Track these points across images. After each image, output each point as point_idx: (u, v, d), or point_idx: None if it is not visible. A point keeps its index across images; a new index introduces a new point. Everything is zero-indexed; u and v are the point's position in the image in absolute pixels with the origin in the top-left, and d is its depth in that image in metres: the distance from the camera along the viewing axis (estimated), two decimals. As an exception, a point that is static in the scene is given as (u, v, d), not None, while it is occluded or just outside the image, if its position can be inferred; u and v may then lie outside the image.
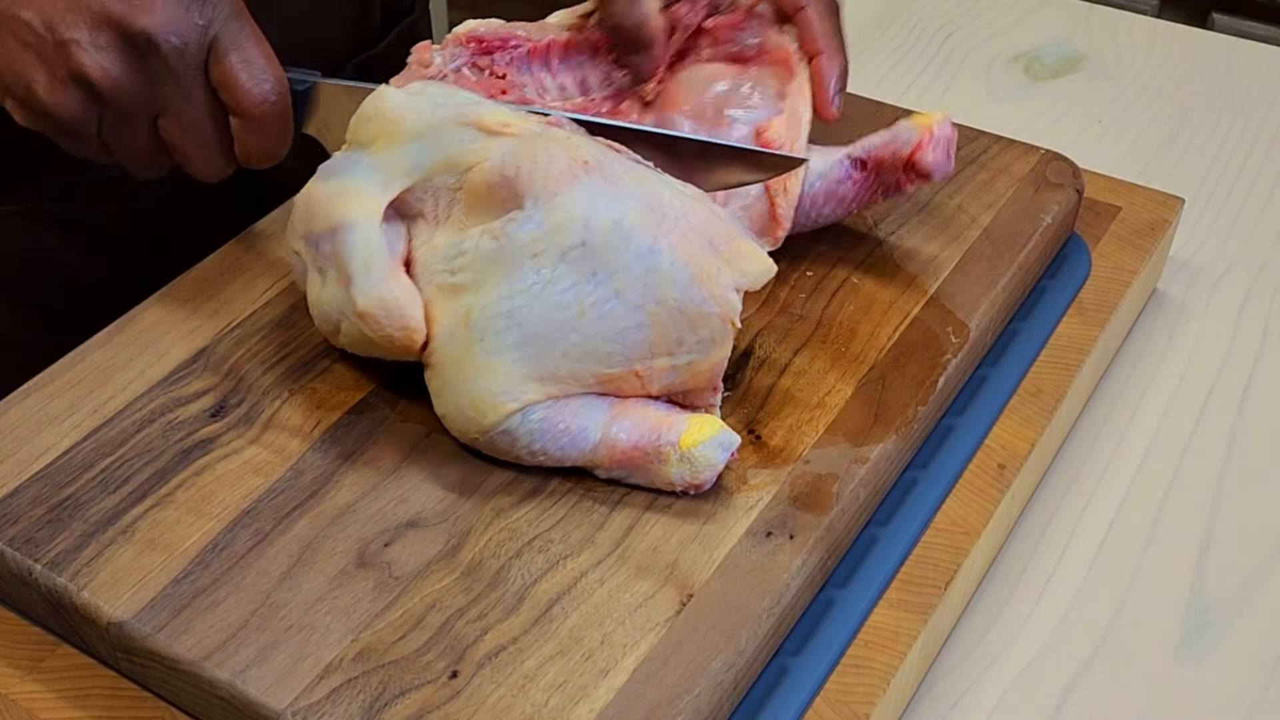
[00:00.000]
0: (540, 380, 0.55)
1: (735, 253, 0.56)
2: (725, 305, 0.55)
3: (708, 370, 0.56)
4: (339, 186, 0.57)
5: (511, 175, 0.55)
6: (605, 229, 0.54)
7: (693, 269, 0.55)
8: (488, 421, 0.55)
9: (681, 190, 0.57)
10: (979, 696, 0.59)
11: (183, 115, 0.59)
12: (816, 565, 0.54)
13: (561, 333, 0.54)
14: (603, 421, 0.55)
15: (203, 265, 0.67)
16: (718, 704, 0.50)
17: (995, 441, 0.63)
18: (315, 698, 0.49)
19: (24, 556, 0.53)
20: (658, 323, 0.55)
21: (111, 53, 0.57)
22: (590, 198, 0.54)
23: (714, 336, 0.55)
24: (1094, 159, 0.83)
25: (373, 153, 0.57)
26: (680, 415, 0.56)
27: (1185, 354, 0.75)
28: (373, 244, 0.56)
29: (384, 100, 0.57)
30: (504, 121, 0.57)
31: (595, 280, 0.54)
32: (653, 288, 0.54)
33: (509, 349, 0.54)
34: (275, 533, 0.54)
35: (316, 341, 0.62)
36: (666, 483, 0.55)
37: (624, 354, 0.55)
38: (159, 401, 0.59)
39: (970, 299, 0.66)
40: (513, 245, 0.55)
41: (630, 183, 0.56)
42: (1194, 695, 0.59)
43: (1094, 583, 0.63)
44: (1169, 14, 1.78)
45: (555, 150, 0.55)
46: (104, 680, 0.54)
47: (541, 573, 0.53)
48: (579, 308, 0.54)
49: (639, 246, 0.54)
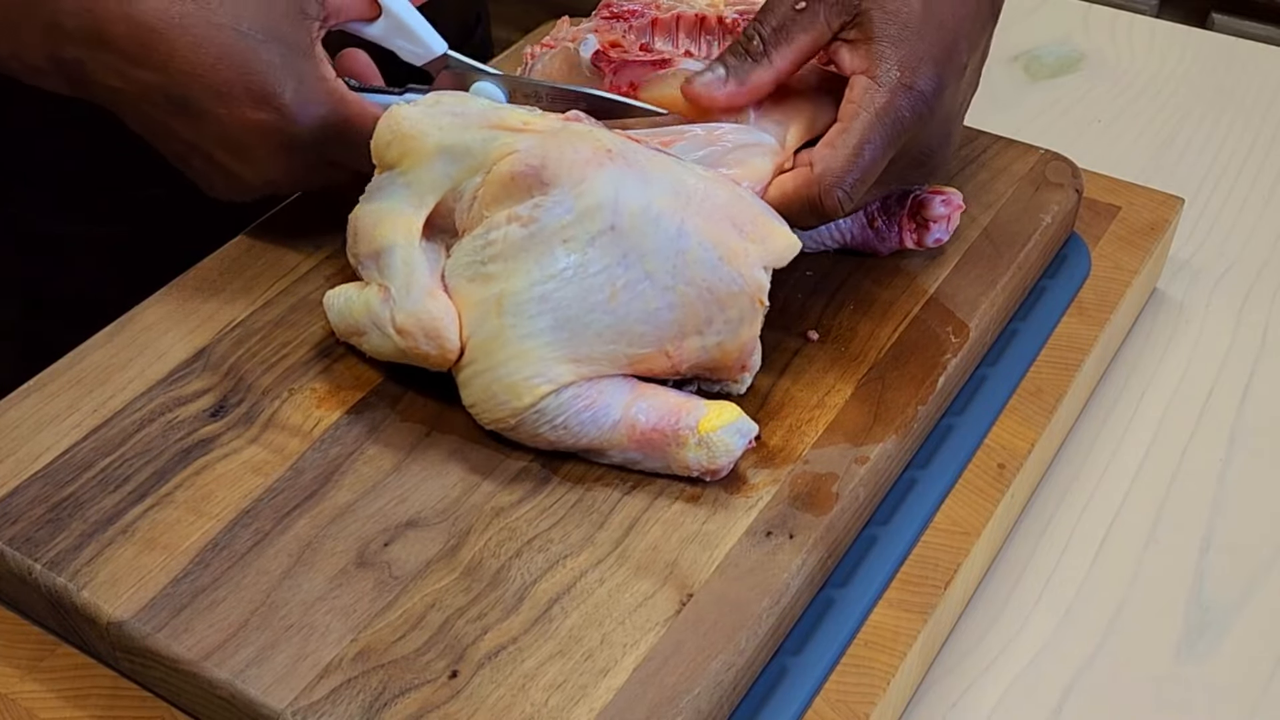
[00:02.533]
0: (574, 361, 0.56)
1: (761, 232, 0.56)
2: (753, 284, 0.56)
3: (737, 349, 0.57)
4: (378, 210, 0.59)
5: (537, 165, 0.55)
6: (634, 213, 0.55)
7: (720, 250, 0.55)
8: (523, 404, 0.56)
9: (705, 174, 0.57)
10: (979, 696, 0.59)
11: None
12: (816, 565, 0.54)
13: (594, 315, 0.55)
14: (625, 401, 0.56)
15: (203, 265, 0.67)
16: (718, 704, 0.50)
17: (995, 441, 0.63)
18: (315, 697, 0.49)
19: (24, 556, 0.53)
20: (687, 303, 0.56)
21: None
22: (617, 183, 0.55)
23: (743, 315, 0.56)
24: (1094, 159, 0.83)
25: (403, 171, 0.58)
26: (700, 401, 0.57)
27: (1185, 354, 0.75)
28: (412, 264, 0.57)
29: (400, 121, 0.58)
30: (525, 120, 0.57)
31: (626, 263, 0.55)
32: (682, 269, 0.55)
33: (543, 332, 0.55)
34: (275, 532, 0.54)
35: (316, 341, 0.62)
36: (683, 467, 0.56)
37: (655, 334, 0.56)
38: (159, 401, 0.59)
39: (970, 299, 0.66)
40: (544, 232, 0.55)
41: (654, 169, 0.56)
42: (1194, 695, 0.59)
43: (1094, 583, 0.63)
44: (1169, 14, 1.78)
45: (580, 141, 0.56)
46: (104, 680, 0.54)
47: (541, 572, 0.53)
48: (611, 290, 0.55)
49: (667, 229, 0.55)
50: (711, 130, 0.61)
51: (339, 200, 0.62)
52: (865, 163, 0.57)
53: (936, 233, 0.67)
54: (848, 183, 0.57)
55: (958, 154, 0.74)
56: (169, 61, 0.58)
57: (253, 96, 0.59)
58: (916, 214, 0.66)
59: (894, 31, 0.57)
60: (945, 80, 0.58)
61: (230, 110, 0.59)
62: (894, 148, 0.58)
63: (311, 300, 0.64)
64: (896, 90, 0.57)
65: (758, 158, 0.60)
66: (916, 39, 0.57)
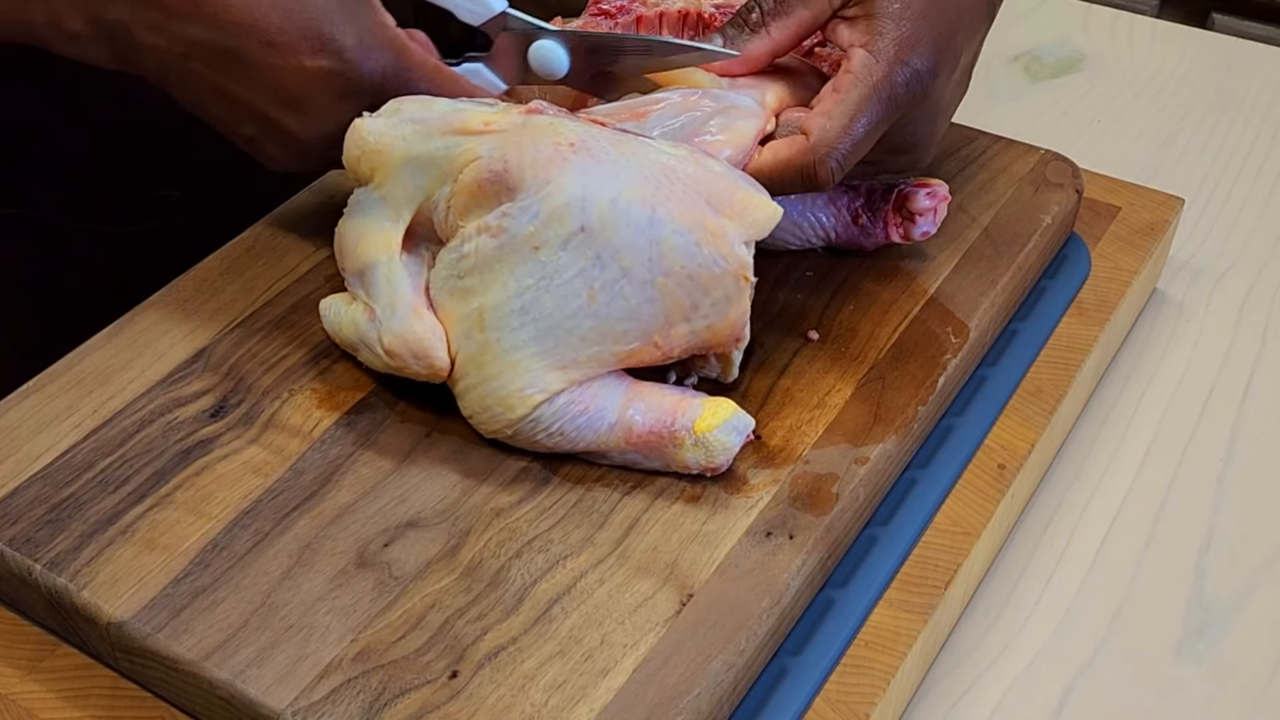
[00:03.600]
0: (562, 368, 0.55)
1: (738, 205, 0.55)
2: (735, 262, 0.55)
3: (727, 328, 0.56)
4: (358, 226, 0.59)
5: (500, 170, 0.55)
6: (602, 209, 0.54)
7: (696, 233, 0.54)
8: (517, 414, 0.55)
9: (674, 151, 0.56)
10: (979, 696, 0.59)
11: None
12: (816, 565, 0.54)
13: (576, 319, 0.55)
14: (619, 404, 0.56)
15: (203, 265, 0.67)
16: (718, 704, 0.50)
17: (995, 441, 0.63)
18: (315, 698, 0.49)
19: (24, 556, 0.53)
20: (669, 293, 0.55)
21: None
22: (582, 179, 0.54)
23: (729, 295, 0.55)
24: (1094, 159, 0.83)
25: (377, 186, 0.58)
26: (695, 399, 0.56)
27: (1185, 354, 0.75)
28: (394, 282, 0.57)
29: (364, 134, 0.58)
30: (485, 120, 0.56)
31: (600, 263, 0.54)
32: (658, 260, 0.54)
33: (527, 344, 0.55)
34: (275, 533, 0.54)
35: (316, 341, 0.62)
36: (682, 465, 0.56)
37: (640, 329, 0.55)
38: (159, 402, 0.59)
39: (970, 299, 0.66)
40: (513, 241, 0.55)
41: (620, 155, 0.55)
42: (1194, 695, 0.59)
43: (1094, 583, 0.63)
44: (1169, 14, 1.79)
45: (540, 138, 0.55)
46: (104, 680, 0.54)
47: (541, 573, 0.53)
48: (589, 293, 0.54)
49: (638, 220, 0.54)
50: (688, 96, 0.60)
51: (339, 200, 0.62)
52: (859, 134, 0.57)
53: (923, 226, 0.66)
54: (840, 152, 0.57)
55: (957, 154, 0.74)
56: (221, 13, 0.56)
57: (310, 43, 0.57)
58: (901, 207, 0.66)
59: (896, 9, 0.58)
60: (940, 64, 0.58)
61: (286, 60, 0.57)
62: (886, 123, 0.58)
63: (311, 300, 0.64)
64: (894, 65, 0.57)
65: (740, 121, 0.59)
66: (918, 19, 0.58)
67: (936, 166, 0.73)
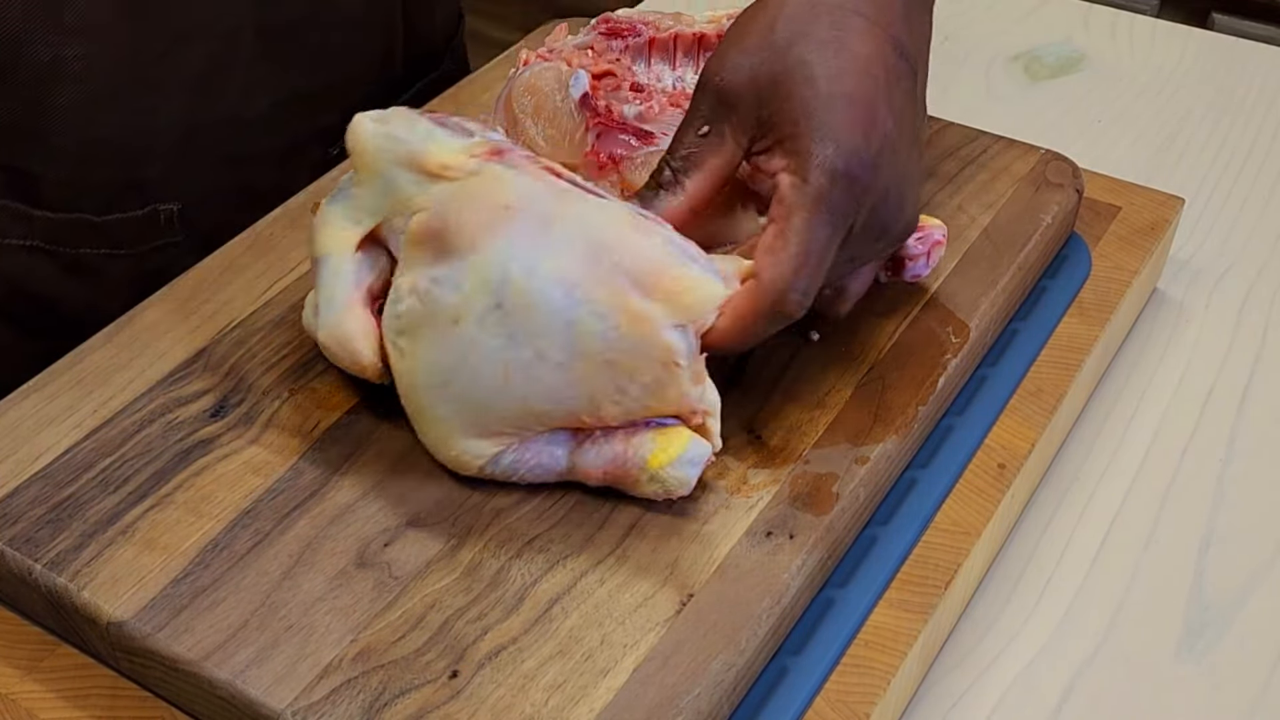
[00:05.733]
0: (490, 436, 0.54)
1: (669, 287, 0.52)
2: (660, 350, 0.52)
3: (671, 405, 0.53)
4: (328, 214, 0.58)
5: (439, 228, 0.54)
6: (519, 288, 0.52)
7: (614, 317, 0.51)
8: (470, 470, 0.55)
9: (618, 216, 0.53)
10: (979, 696, 0.59)
11: None
12: (816, 565, 0.54)
13: (492, 398, 0.53)
14: (568, 450, 0.55)
15: (203, 265, 0.67)
16: (718, 704, 0.50)
17: (995, 441, 0.63)
18: (315, 698, 0.49)
19: (24, 556, 0.53)
20: (588, 378, 0.52)
21: None
22: (507, 249, 0.52)
23: (659, 379, 0.52)
24: (1094, 159, 0.83)
25: (356, 183, 0.57)
26: (646, 434, 0.54)
27: (1185, 354, 0.75)
28: (339, 276, 0.56)
29: (356, 130, 0.57)
30: (443, 164, 0.54)
31: (515, 344, 0.52)
32: (573, 343, 0.52)
33: (450, 417, 0.54)
34: (275, 533, 0.54)
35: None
36: (645, 497, 0.55)
37: (563, 409, 0.53)
38: (159, 402, 0.59)
39: (970, 299, 0.66)
40: (437, 312, 0.53)
41: (557, 219, 0.53)
42: (1194, 695, 0.59)
43: (1094, 583, 0.63)
44: (1169, 14, 1.78)
45: (481, 196, 0.53)
46: (104, 680, 0.54)
47: (541, 573, 0.53)
48: (504, 372, 0.52)
49: (554, 301, 0.52)
50: None
51: (339, 200, 0.62)
52: (812, 260, 0.53)
53: (914, 269, 0.63)
54: (799, 284, 0.53)
55: (957, 154, 0.74)
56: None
57: None
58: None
59: (803, 125, 0.54)
60: (872, 154, 0.54)
61: None
62: (839, 234, 0.54)
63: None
64: (822, 178, 0.53)
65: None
66: (827, 124, 0.54)
67: (936, 166, 0.73)
